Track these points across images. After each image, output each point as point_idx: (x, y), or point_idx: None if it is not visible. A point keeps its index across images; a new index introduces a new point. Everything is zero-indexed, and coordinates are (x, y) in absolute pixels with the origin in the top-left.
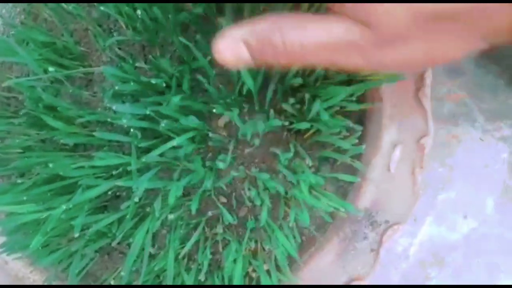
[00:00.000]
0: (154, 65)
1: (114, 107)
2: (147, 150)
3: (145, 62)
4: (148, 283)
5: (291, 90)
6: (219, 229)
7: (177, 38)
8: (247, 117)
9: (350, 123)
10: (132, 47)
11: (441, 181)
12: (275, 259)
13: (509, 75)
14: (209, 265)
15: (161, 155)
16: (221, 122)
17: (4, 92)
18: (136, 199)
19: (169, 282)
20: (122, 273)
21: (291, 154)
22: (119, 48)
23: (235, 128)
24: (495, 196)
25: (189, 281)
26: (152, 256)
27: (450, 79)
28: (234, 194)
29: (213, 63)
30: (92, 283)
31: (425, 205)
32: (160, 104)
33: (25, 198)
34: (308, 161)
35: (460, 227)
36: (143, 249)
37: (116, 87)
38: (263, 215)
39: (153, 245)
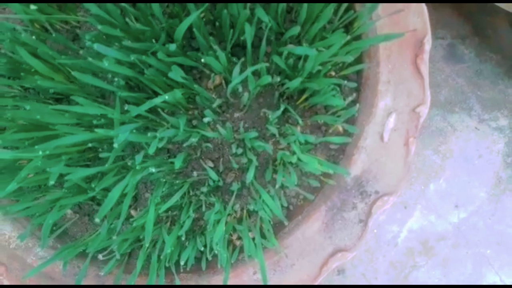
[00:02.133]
0: (143, 12)
1: (95, 46)
2: (134, 105)
3: (136, 11)
4: (127, 243)
5: (287, 43)
6: (203, 189)
7: None
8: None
9: (344, 81)
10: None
11: (434, 169)
12: (261, 227)
13: (509, 64)
14: (193, 230)
15: (147, 111)
16: (211, 83)
17: None
18: (116, 146)
19: (147, 237)
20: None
21: (280, 112)
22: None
23: (226, 90)
24: (488, 187)
25: (169, 241)
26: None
27: (449, 65)
28: (221, 159)
29: (206, 19)
30: (70, 243)
31: (417, 193)
32: (146, 53)
33: (0, 142)
34: (300, 123)
35: (451, 216)
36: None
37: (99, 27)
38: (249, 174)
39: (135, 208)
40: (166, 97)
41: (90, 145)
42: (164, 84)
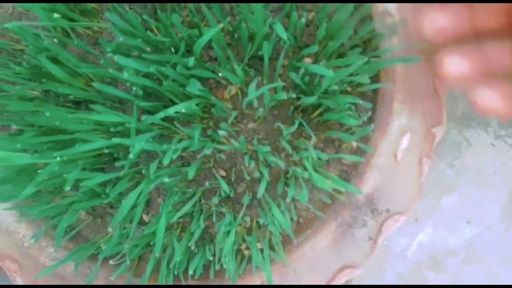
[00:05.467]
0: (163, 23)
1: (115, 58)
2: (150, 114)
3: (156, 21)
4: (138, 249)
5: (304, 57)
6: (215, 200)
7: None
8: (256, 89)
9: (359, 100)
10: (144, 9)
11: (447, 183)
12: (270, 239)
13: None
14: (202, 238)
15: (163, 119)
16: (227, 93)
17: (13, 42)
18: (131, 156)
19: (158, 246)
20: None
21: (294, 128)
22: (131, 8)
23: (241, 101)
24: (501, 204)
25: (179, 249)
26: (146, 224)
27: None
28: (234, 168)
29: (224, 29)
30: (82, 244)
31: (428, 206)
32: (165, 64)
33: (19, 145)
34: (314, 139)
35: (462, 232)
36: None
37: (121, 39)
38: (261, 188)
39: (147, 213)
40: (183, 109)
41: (106, 151)
42: (181, 94)
